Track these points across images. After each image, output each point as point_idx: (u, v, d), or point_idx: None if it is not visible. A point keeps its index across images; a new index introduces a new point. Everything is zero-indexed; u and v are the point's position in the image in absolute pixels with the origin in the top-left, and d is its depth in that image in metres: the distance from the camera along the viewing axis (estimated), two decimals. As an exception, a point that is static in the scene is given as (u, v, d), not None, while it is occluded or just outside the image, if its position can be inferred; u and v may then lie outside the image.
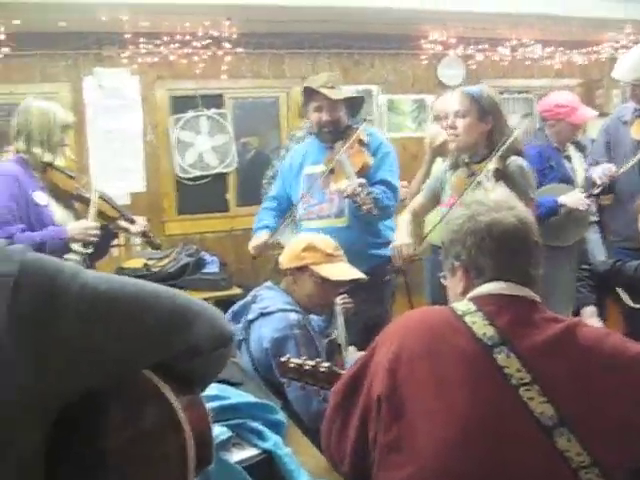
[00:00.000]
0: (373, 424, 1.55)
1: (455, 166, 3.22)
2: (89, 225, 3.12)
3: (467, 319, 1.56)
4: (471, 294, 1.67)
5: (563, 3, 6.06)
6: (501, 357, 1.48)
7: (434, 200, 3.36)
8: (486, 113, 3.07)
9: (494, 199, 1.76)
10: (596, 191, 3.81)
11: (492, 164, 2.94)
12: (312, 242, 2.75)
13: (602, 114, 5.26)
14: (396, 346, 1.57)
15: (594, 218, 4.19)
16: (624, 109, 3.96)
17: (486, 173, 2.93)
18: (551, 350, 1.51)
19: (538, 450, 1.42)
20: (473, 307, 1.59)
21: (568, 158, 4.28)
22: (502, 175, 2.94)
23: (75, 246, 3.09)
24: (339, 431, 1.67)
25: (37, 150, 3.03)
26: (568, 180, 4.14)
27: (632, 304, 3.10)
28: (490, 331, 1.52)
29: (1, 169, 3.08)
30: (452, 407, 1.46)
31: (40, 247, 2.93)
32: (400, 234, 3.28)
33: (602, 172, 3.75)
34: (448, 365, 1.51)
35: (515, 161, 3.02)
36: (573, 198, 3.86)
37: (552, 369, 1.48)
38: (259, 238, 3.61)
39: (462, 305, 1.63)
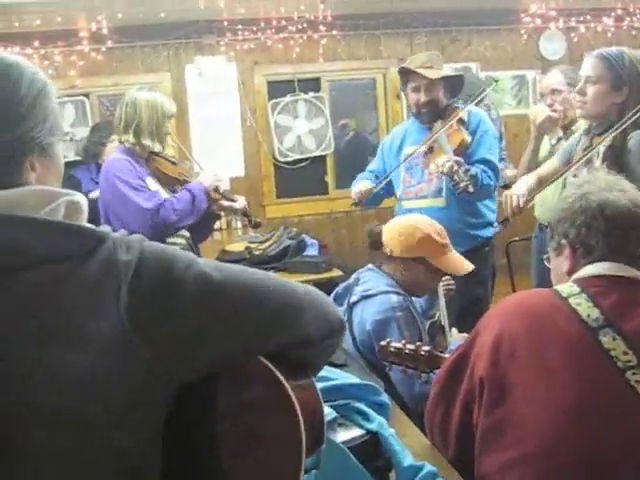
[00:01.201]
0: (476, 408, 1.55)
1: (587, 132, 2.90)
2: (212, 172, 3.31)
3: (571, 301, 1.54)
4: (575, 276, 1.65)
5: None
6: (607, 339, 1.46)
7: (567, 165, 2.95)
8: (622, 82, 2.68)
9: (605, 179, 1.72)
10: None
11: (607, 141, 2.65)
12: (428, 233, 2.69)
13: None
14: (498, 329, 1.57)
15: None
16: None
17: (598, 150, 2.69)
18: None
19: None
20: (577, 289, 1.57)
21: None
22: (616, 153, 2.64)
23: (181, 231, 3.20)
24: (443, 418, 1.68)
25: (147, 142, 3.11)
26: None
27: None
28: (595, 312, 1.50)
29: (114, 159, 3.18)
30: (555, 390, 1.45)
31: (192, 203, 3.10)
32: (517, 185, 3.05)
33: None
34: (551, 347, 1.50)
35: (637, 136, 2.63)
36: None
37: None
38: (364, 183, 3.60)
39: (566, 287, 1.60)
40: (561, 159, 3.08)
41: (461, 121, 3.48)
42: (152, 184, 3.16)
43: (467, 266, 2.78)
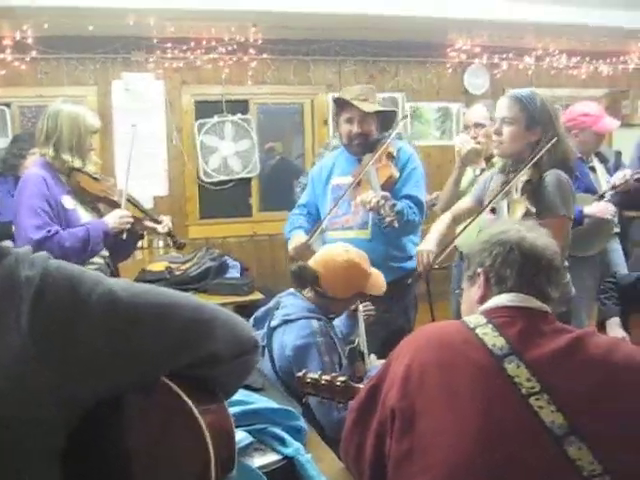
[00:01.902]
0: (389, 438, 1.57)
1: (502, 170, 3.02)
2: (123, 213, 3.13)
3: (478, 331, 1.60)
4: (483, 307, 1.71)
5: (590, 13, 6.03)
6: (511, 367, 1.51)
7: (480, 204, 3.08)
8: (535, 122, 2.81)
9: (525, 224, 1.83)
10: (609, 193, 3.90)
11: (524, 175, 2.75)
12: (364, 269, 2.78)
13: (628, 125, 5.22)
14: (408, 359, 1.60)
15: (616, 229, 4.18)
16: None
17: (516, 184, 2.77)
18: (560, 360, 1.53)
19: (549, 459, 1.43)
20: (484, 319, 1.63)
21: (592, 169, 4.26)
22: (533, 188, 2.74)
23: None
24: (357, 448, 1.69)
25: (66, 156, 3.01)
26: (592, 191, 4.13)
27: None
28: (500, 341, 1.55)
29: (29, 174, 3.06)
30: (463, 418, 1.48)
31: (84, 242, 2.96)
32: (427, 240, 3.10)
33: (620, 176, 3.80)
34: (460, 377, 1.54)
35: (553, 174, 2.75)
36: (599, 208, 3.85)
37: (562, 379, 1.50)
38: (299, 239, 3.55)
39: (473, 318, 1.66)
40: (473, 198, 3.18)
41: (390, 156, 3.51)
42: (70, 202, 3.04)
43: (384, 282, 2.87)
